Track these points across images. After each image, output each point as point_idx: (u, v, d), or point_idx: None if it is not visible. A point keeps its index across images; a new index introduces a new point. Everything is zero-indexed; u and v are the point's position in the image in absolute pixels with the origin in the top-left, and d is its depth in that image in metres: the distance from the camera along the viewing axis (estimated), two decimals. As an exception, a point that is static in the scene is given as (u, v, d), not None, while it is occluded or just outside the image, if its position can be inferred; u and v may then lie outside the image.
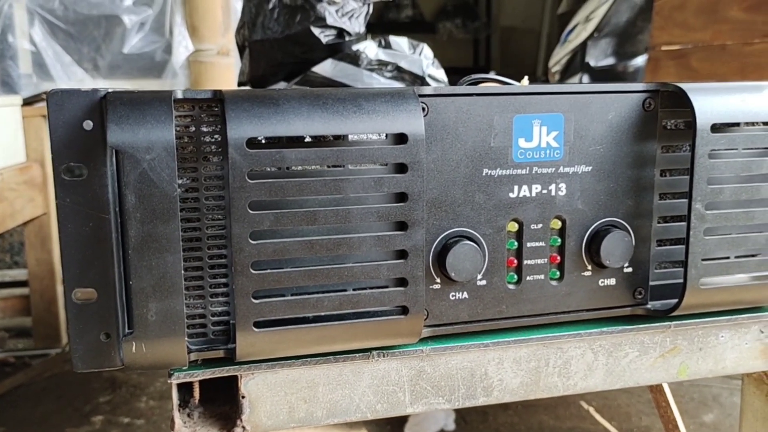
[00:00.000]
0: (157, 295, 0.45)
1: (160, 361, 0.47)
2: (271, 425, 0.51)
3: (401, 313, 0.50)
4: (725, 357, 0.60)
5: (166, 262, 0.45)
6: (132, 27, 1.99)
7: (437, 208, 0.52)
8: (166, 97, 0.45)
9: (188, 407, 0.52)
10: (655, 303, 0.58)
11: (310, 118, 0.46)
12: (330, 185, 0.47)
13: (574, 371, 0.57)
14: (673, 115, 0.56)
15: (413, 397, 0.54)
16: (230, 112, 0.45)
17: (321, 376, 0.52)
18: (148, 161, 0.43)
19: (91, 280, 0.46)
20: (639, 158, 0.55)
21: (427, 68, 1.16)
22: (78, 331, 0.46)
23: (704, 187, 0.53)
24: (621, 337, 0.57)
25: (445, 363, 0.54)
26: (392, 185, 0.48)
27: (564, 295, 0.56)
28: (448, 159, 0.51)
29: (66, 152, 0.45)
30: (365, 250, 0.48)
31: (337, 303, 0.49)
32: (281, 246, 0.47)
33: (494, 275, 0.54)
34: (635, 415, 1.47)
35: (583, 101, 0.54)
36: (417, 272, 0.49)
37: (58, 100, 0.44)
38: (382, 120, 0.47)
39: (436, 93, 0.51)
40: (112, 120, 0.43)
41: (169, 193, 0.44)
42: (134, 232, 0.44)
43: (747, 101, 0.55)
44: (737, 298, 0.57)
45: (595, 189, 0.55)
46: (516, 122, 0.52)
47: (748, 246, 0.56)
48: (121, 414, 1.50)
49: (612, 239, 0.54)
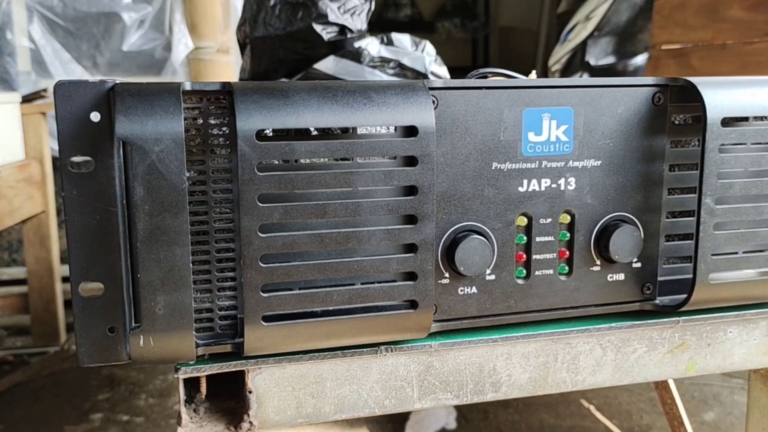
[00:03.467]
0: (165, 289, 0.45)
1: (168, 355, 0.47)
2: (278, 421, 0.51)
3: (410, 307, 0.49)
4: (733, 353, 0.60)
5: (175, 255, 0.44)
6: (131, 24, 1.99)
7: (446, 202, 0.51)
8: (174, 89, 0.44)
9: (194, 402, 0.52)
10: (664, 298, 0.57)
11: (320, 110, 0.46)
12: (340, 178, 0.46)
13: (582, 367, 0.56)
14: (682, 110, 0.56)
15: (421, 393, 0.53)
16: (239, 104, 0.44)
17: (329, 371, 0.51)
18: (156, 153, 0.43)
19: (97, 273, 0.46)
20: (648, 153, 0.55)
21: (429, 65, 1.16)
22: (84, 325, 0.46)
23: (714, 182, 0.53)
24: (629, 333, 0.57)
25: (454, 358, 0.54)
26: (402, 178, 0.47)
27: (573, 290, 0.55)
28: (457, 152, 0.51)
29: (73, 144, 0.44)
30: (374, 243, 0.48)
31: (346, 297, 0.48)
32: (290, 239, 0.46)
33: (503, 270, 0.53)
34: (636, 413, 1.46)
35: (593, 95, 0.53)
36: (426, 266, 0.49)
37: (65, 91, 0.44)
38: (392, 112, 0.47)
39: (447, 86, 0.50)
40: (121, 111, 0.43)
41: (178, 185, 0.44)
42: (142, 225, 0.44)
43: (756, 96, 0.54)
44: (746, 294, 0.57)
45: (604, 183, 0.55)
46: (525, 116, 0.52)
47: (758, 241, 0.56)
48: (120, 411, 1.49)
49: (621, 234, 0.54)
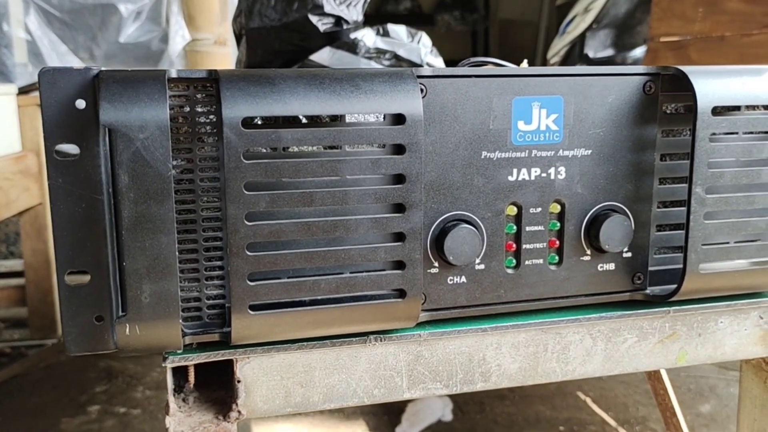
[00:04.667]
0: (151, 277, 0.44)
1: (154, 344, 0.46)
2: (266, 410, 0.51)
3: (398, 296, 0.49)
4: (724, 343, 0.60)
5: (161, 243, 0.44)
6: (128, 16, 1.98)
7: (435, 191, 0.51)
8: (160, 76, 0.44)
9: (183, 392, 0.52)
10: (654, 288, 0.57)
11: (307, 97, 0.45)
12: (327, 166, 0.46)
13: (572, 356, 0.56)
14: (674, 99, 0.55)
15: (411, 382, 0.53)
16: (225, 92, 0.44)
17: (317, 361, 0.51)
18: (141, 140, 0.43)
19: (83, 262, 0.45)
20: (639, 142, 0.55)
21: (425, 56, 1.15)
22: (70, 314, 0.46)
23: (705, 171, 0.53)
24: (620, 323, 0.57)
25: (443, 348, 0.53)
26: (390, 167, 0.47)
27: (563, 280, 0.55)
28: (446, 141, 0.51)
29: (58, 132, 0.44)
30: (362, 232, 0.48)
31: (334, 286, 0.48)
32: (277, 227, 0.46)
33: (493, 259, 0.53)
34: (632, 405, 1.47)
35: (583, 84, 0.53)
36: (415, 255, 0.48)
37: (50, 78, 0.43)
38: (379, 100, 0.47)
39: (435, 74, 0.50)
40: (105, 98, 0.43)
41: (163, 172, 0.43)
42: (128, 213, 0.43)
43: (748, 85, 0.54)
44: (737, 284, 0.57)
45: (594, 173, 0.54)
46: (515, 104, 0.52)
47: (748, 231, 0.56)
48: (118, 404, 1.49)
49: (611, 224, 0.54)
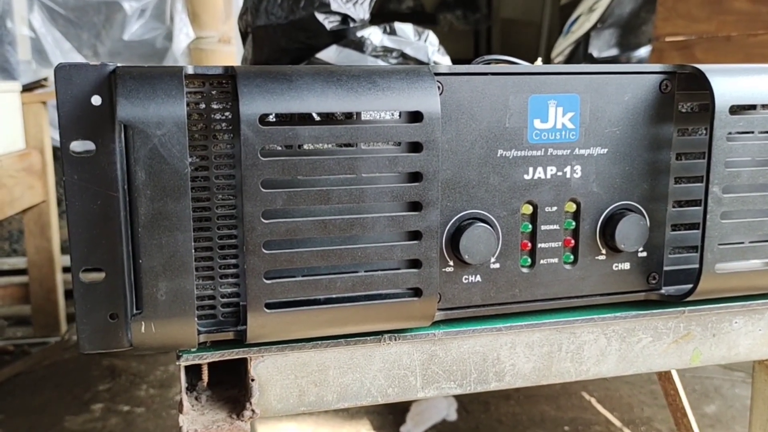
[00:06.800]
0: (167, 274, 0.44)
1: (169, 342, 0.46)
2: (280, 409, 0.51)
3: (414, 295, 0.49)
4: (738, 343, 0.59)
5: (177, 240, 0.44)
6: (132, 13, 1.97)
7: (451, 190, 0.51)
8: (177, 72, 0.44)
9: (196, 390, 0.51)
10: (669, 288, 0.57)
11: (324, 94, 0.45)
12: (344, 164, 0.46)
13: (587, 356, 0.56)
14: (690, 98, 0.55)
15: (425, 382, 0.53)
16: (243, 88, 0.44)
17: (332, 360, 0.51)
18: (158, 137, 0.42)
19: (98, 259, 0.45)
20: (655, 141, 0.55)
21: (432, 55, 1.15)
22: (85, 312, 0.46)
23: (722, 170, 0.52)
24: (634, 323, 0.57)
25: (457, 347, 0.53)
26: (407, 164, 0.47)
27: (578, 280, 0.55)
28: (462, 139, 0.51)
29: (74, 128, 0.43)
30: (378, 230, 0.47)
31: (350, 284, 0.48)
32: (294, 225, 0.46)
33: (508, 258, 0.53)
34: (637, 405, 1.46)
35: (600, 82, 0.53)
36: (431, 254, 0.48)
37: (66, 74, 0.43)
38: (397, 97, 0.46)
39: (452, 72, 0.50)
40: (122, 94, 0.42)
41: (180, 169, 0.43)
42: (144, 210, 0.43)
43: (764, 83, 0.54)
44: (752, 284, 0.57)
45: (610, 172, 0.54)
46: (531, 102, 0.51)
47: (764, 231, 0.55)
48: (121, 402, 1.49)
49: (627, 223, 0.54)
